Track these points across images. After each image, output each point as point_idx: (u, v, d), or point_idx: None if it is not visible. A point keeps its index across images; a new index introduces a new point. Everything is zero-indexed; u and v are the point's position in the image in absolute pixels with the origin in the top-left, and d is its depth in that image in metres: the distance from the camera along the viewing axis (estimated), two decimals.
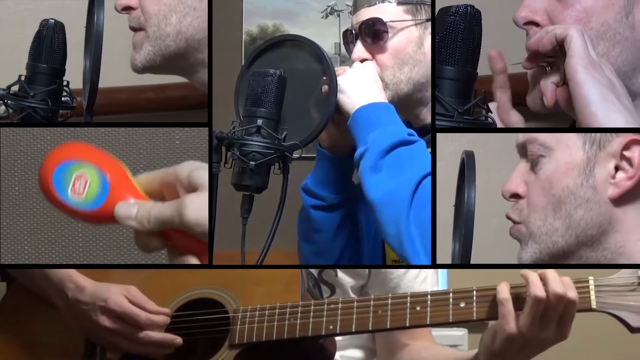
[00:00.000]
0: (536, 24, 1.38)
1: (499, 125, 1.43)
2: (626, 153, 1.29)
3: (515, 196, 1.36)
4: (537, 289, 1.35)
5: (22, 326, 1.64)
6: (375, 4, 1.60)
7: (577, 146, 1.31)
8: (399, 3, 1.60)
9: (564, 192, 1.30)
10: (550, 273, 1.37)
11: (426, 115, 1.64)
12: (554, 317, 1.35)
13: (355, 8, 1.64)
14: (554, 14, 1.37)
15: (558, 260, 1.33)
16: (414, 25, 1.60)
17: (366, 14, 1.61)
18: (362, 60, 1.60)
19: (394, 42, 1.60)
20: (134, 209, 1.16)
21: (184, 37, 1.61)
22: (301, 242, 1.73)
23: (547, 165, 1.32)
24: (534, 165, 1.34)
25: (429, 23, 1.60)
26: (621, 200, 1.30)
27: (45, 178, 1.18)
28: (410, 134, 1.51)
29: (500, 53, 1.41)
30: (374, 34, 1.59)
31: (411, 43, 1.60)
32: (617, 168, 1.30)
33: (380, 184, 1.46)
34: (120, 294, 1.51)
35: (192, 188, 1.14)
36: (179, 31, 1.61)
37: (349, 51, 1.63)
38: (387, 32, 1.59)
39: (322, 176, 1.65)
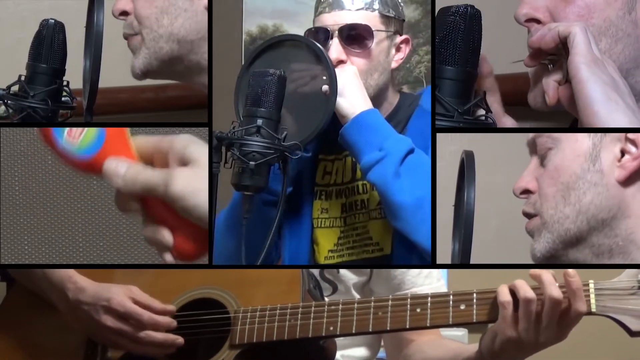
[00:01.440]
0: (537, 21, 1.38)
1: None
2: (630, 135, 1.30)
3: (526, 192, 1.36)
4: (525, 291, 1.36)
5: (23, 327, 1.64)
6: (358, 8, 1.64)
7: (583, 135, 1.32)
8: (380, 14, 1.64)
9: (572, 178, 1.31)
10: (546, 276, 1.37)
11: None
12: (551, 320, 1.35)
13: (331, 7, 1.65)
14: (556, 11, 1.36)
15: (570, 249, 1.33)
16: (386, 36, 1.66)
17: (348, 16, 1.64)
18: (339, 61, 1.62)
19: (372, 49, 1.65)
20: (123, 167, 1.14)
21: (175, 38, 1.62)
22: (226, 240, 1.63)
23: (555, 156, 1.33)
24: (543, 159, 1.35)
25: (395, 35, 1.67)
26: (629, 182, 1.31)
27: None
28: (411, 141, 1.56)
29: (485, 56, 1.41)
30: (359, 38, 1.64)
31: (383, 52, 1.66)
32: (622, 152, 1.31)
33: (407, 188, 1.52)
34: (123, 294, 1.51)
35: (184, 161, 1.13)
36: (171, 33, 1.62)
37: None
38: (372, 40, 1.64)
39: (275, 171, 1.65)
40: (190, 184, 1.11)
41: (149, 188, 1.12)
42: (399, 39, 1.69)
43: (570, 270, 1.36)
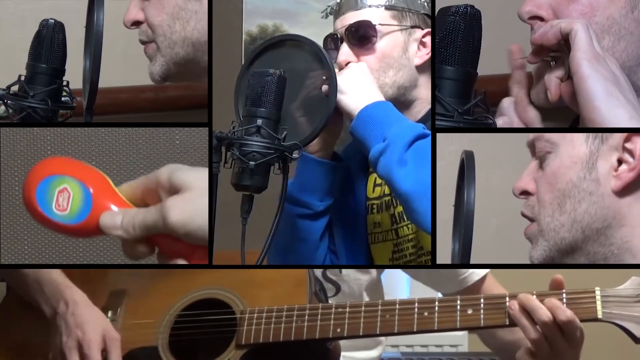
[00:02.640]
0: (541, 19, 1.37)
1: (517, 121, 1.42)
2: (628, 145, 1.30)
3: (525, 193, 1.36)
4: (530, 334, 1.39)
5: (20, 329, 1.64)
6: (362, 7, 1.62)
7: (580, 140, 1.32)
8: (386, 8, 1.62)
9: (568, 185, 1.31)
10: (529, 304, 1.39)
11: None
12: (557, 340, 1.37)
13: (339, 12, 1.66)
14: (559, 9, 1.36)
15: (566, 257, 1.33)
16: (400, 30, 1.63)
17: (353, 17, 1.63)
18: (348, 63, 1.61)
19: (380, 45, 1.63)
20: (119, 217, 1.16)
21: (190, 42, 1.62)
22: (281, 253, 1.66)
23: (553, 161, 1.33)
24: (542, 162, 1.35)
25: (414, 30, 1.64)
26: (625, 192, 1.30)
27: (28, 196, 1.18)
28: (424, 127, 1.52)
29: (521, 48, 1.40)
30: (362, 36, 1.62)
31: (397, 47, 1.63)
32: (619, 161, 1.30)
33: (411, 176, 1.46)
34: (99, 335, 1.52)
35: (173, 190, 1.14)
36: (185, 37, 1.61)
37: (332, 56, 1.61)
38: (375, 35, 1.62)
39: (307, 182, 1.63)
40: (185, 210, 1.12)
41: (149, 227, 1.14)
42: (419, 33, 1.64)
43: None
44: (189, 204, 1.12)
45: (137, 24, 1.64)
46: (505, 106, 1.42)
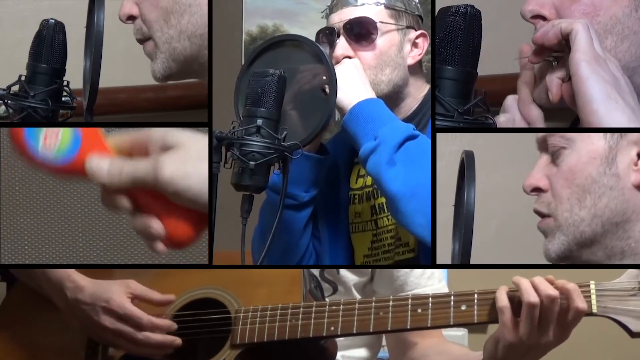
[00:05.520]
0: (543, 18, 1.37)
1: (520, 118, 1.42)
2: None
3: (537, 190, 1.36)
4: (529, 295, 1.35)
5: (24, 327, 1.64)
6: (361, 3, 1.63)
7: (599, 136, 1.31)
8: (386, 7, 1.64)
9: (587, 181, 1.31)
10: (537, 279, 1.37)
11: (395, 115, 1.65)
12: (550, 320, 1.35)
13: (337, 7, 1.67)
14: (562, 8, 1.36)
15: (584, 250, 1.33)
16: (396, 30, 1.65)
17: (352, 12, 1.65)
18: (345, 57, 1.64)
19: (379, 43, 1.65)
20: (106, 162, 1.12)
21: (186, 35, 1.61)
22: (265, 241, 1.69)
23: (569, 157, 1.33)
24: (555, 158, 1.34)
25: (408, 30, 1.67)
26: None
27: (17, 130, 1.14)
28: (414, 128, 1.55)
29: (531, 48, 1.40)
30: (362, 32, 1.64)
31: (393, 46, 1.66)
32: (639, 155, 1.31)
33: (401, 177, 1.50)
34: (122, 294, 1.52)
35: (166, 147, 1.11)
36: (181, 31, 1.61)
37: (325, 51, 1.61)
38: (376, 32, 1.64)
39: (293, 175, 1.61)
40: (179, 167, 1.09)
41: (136, 179, 1.11)
42: (413, 34, 1.68)
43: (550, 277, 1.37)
44: (183, 161, 1.10)
45: (132, 18, 1.63)
46: (509, 104, 1.42)
